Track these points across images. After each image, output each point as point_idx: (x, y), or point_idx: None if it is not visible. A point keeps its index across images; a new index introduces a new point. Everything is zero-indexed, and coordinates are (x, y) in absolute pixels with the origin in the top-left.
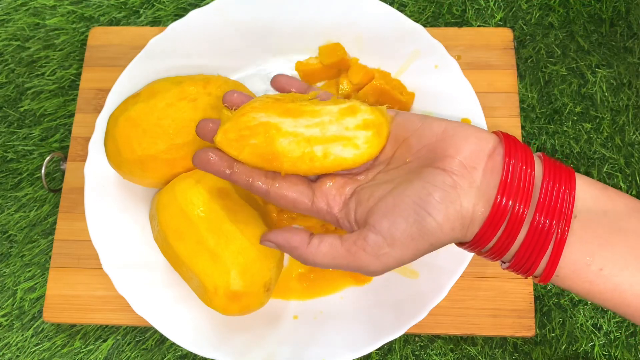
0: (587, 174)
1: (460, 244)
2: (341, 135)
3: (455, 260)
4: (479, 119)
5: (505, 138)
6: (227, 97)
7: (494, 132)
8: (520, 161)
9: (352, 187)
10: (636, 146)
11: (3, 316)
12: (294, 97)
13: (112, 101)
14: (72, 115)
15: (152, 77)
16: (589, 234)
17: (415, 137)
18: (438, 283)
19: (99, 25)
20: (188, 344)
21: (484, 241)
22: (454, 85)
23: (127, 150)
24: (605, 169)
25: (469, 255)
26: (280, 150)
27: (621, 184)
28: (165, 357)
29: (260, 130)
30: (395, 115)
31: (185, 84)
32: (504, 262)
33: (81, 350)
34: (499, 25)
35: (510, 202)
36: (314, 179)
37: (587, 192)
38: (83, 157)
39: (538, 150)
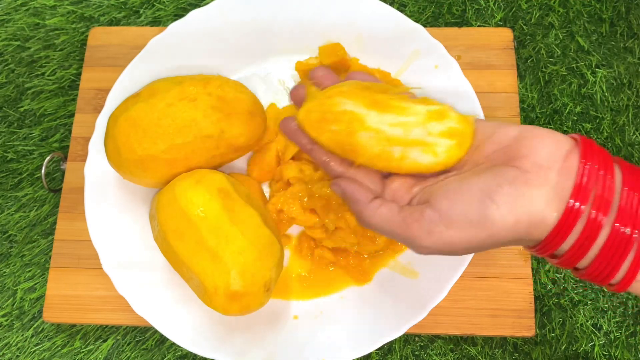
0: None
1: (528, 247)
2: (423, 140)
3: (455, 260)
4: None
5: (582, 141)
6: (314, 74)
7: (570, 136)
8: (598, 165)
9: (420, 187)
10: (636, 146)
11: (3, 316)
12: (385, 88)
13: (112, 101)
14: (72, 115)
15: (152, 77)
16: None
17: (490, 142)
18: (438, 283)
19: (99, 25)
20: (188, 344)
21: (554, 245)
22: (454, 85)
23: (127, 150)
24: None
25: (469, 255)
26: (359, 144)
27: None
28: (165, 357)
29: (344, 118)
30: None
31: (185, 84)
32: (578, 270)
33: (81, 350)
34: (499, 25)
35: (584, 207)
36: (385, 175)
37: None
38: (83, 157)
39: None
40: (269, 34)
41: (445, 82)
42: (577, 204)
